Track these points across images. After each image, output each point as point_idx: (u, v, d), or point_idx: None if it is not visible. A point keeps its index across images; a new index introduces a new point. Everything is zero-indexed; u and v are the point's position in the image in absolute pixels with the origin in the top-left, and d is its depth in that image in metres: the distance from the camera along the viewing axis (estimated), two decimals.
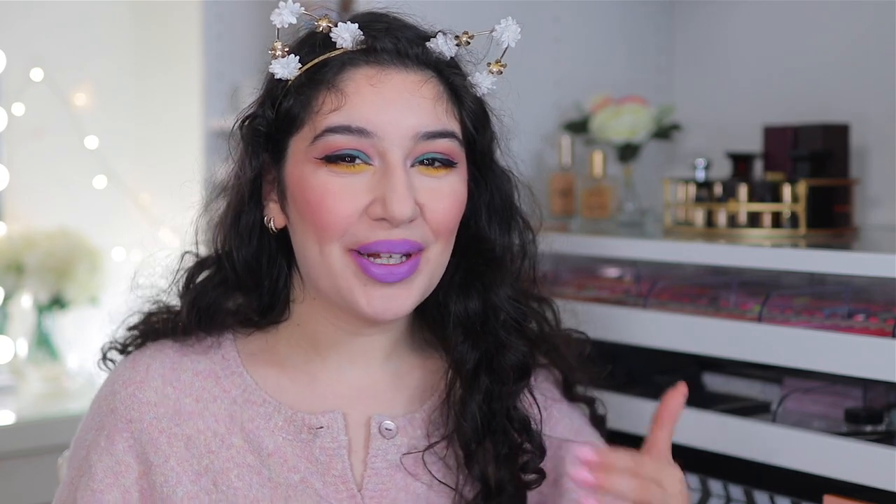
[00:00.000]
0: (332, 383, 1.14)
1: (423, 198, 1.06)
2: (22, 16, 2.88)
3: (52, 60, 2.91)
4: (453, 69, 1.10)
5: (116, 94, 3.02)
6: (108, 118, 2.99)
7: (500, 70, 1.11)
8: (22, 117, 2.89)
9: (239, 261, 1.13)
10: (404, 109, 1.05)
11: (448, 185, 1.08)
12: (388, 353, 1.15)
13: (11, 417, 2.57)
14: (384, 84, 1.06)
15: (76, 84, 2.96)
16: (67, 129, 2.93)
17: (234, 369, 1.14)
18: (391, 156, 1.05)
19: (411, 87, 1.06)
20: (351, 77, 1.06)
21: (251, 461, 1.10)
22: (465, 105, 1.10)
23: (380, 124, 1.04)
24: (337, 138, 1.04)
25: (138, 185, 3.01)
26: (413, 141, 1.05)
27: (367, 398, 1.14)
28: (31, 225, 2.88)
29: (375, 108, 1.05)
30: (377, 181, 1.04)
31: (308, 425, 1.10)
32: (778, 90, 2.00)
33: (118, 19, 3.03)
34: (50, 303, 2.81)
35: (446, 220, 1.07)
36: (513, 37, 1.10)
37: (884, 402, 1.42)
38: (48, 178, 2.93)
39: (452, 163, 1.08)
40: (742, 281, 1.53)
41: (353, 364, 1.14)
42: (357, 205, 1.04)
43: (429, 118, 1.06)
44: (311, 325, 1.13)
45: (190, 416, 1.11)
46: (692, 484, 1.48)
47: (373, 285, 1.06)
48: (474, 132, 1.11)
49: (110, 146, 2.99)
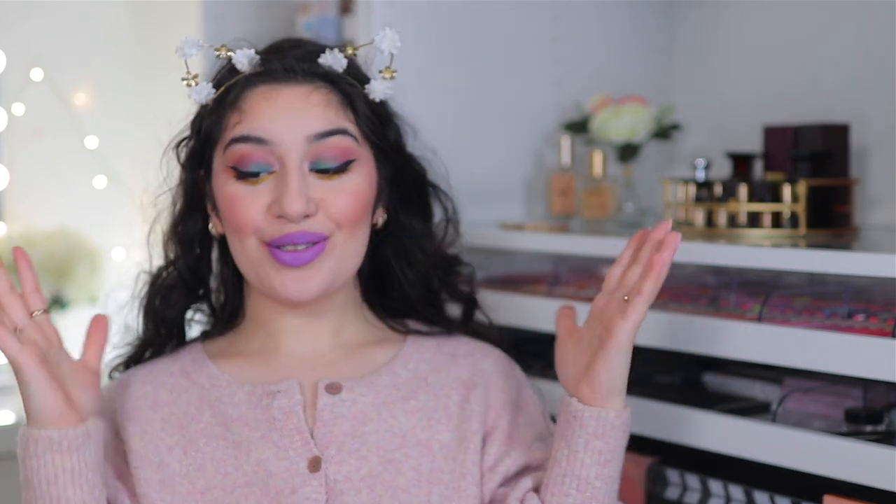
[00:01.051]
0: (287, 360, 1.30)
1: (322, 193, 1.23)
2: (22, 16, 2.88)
3: (52, 60, 2.91)
4: (344, 80, 1.25)
5: (116, 94, 3.02)
6: (108, 118, 2.99)
7: (391, 76, 1.25)
8: (22, 117, 2.89)
9: (184, 267, 1.33)
10: (295, 117, 1.22)
11: (347, 183, 1.24)
12: (335, 332, 1.32)
13: (11, 417, 2.57)
14: (276, 98, 1.23)
15: (76, 84, 2.96)
16: (67, 129, 2.93)
17: (202, 364, 1.31)
18: (287, 160, 1.22)
19: (301, 97, 1.24)
20: (249, 96, 1.24)
21: (217, 431, 1.25)
22: (359, 109, 1.26)
23: (274, 132, 1.22)
24: (240, 147, 1.23)
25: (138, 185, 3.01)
26: (306, 144, 1.22)
27: (317, 368, 1.29)
28: (31, 225, 2.88)
29: (268, 118, 1.23)
30: (277, 184, 1.22)
31: (267, 392, 1.26)
32: (778, 90, 2.00)
33: (118, 19, 3.03)
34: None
35: (345, 213, 1.24)
36: (391, 44, 1.23)
37: (884, 402, 1.42)
38: (48, 178, 2.93)
39: (348, 163, 1.24)
40: (742, 281, 1.53)
41: (303, 343, 1.31)
42: (260, 206, 1.23)
43: (318, 121, 1.23)
44: (261, 316, 1.32)
45: (165, 404, 1.28)
46: (692, 484, 1.48)
47: (285, 270, 1.23)
48: (372, 134, 1.27)
49: (110, 146, 2.98)
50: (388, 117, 1.31)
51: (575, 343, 1.24)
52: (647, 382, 1.61)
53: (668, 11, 2.21)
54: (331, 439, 1.23)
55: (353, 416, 1.25)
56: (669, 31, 2.21)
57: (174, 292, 1.35)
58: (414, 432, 1.26)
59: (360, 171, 1.26)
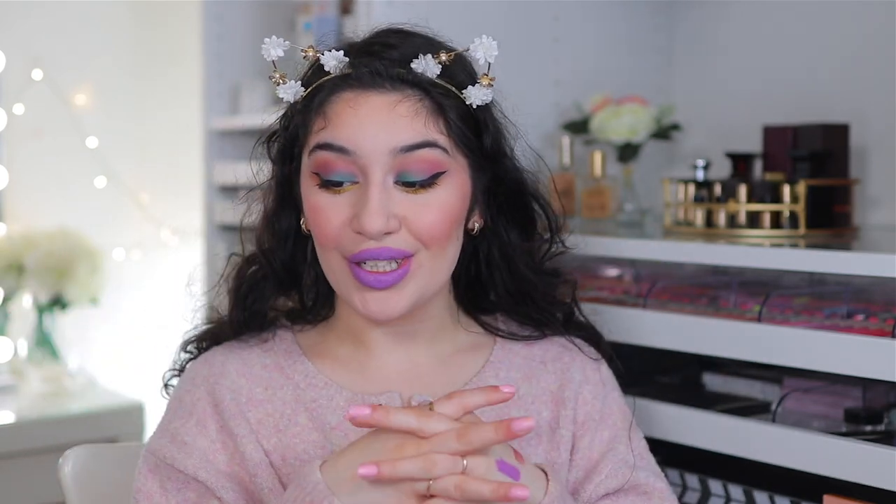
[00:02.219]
0: (380, 369, 1.23)
1: (405, 210, 1.15)
2: (22, 16, 2.89)
3: (52, 60, 2.91)
4: (436, 88, 1.17)
5: (116, 94, 3.02)
6: (108, 118, 3.00)
7: (490, 83, 1.17)
8: (22, 117, 2.89)
9: (276, 261, 1.26)
10: (380, 127, 1.14)
11: (434, 198, 1.16)
12: (430, 340, 1.25)
13: (11, 417, 2.57)
14: (361, 106, 1.15)
15: (76, 84, 2.96)
16: (67, 129, 2.94)
17: (297, 359, 1.25)
18: (370, 172, 1.14)
19: (387, 106, 1.15)
20: (335, 101, 1.16)
21: (315, 437, 1.19)
22: (451, 119, 1.17)
23: (358, 143, 1.14)
24: (324, 154, 1.15)
25: (138, 185, 3.02)
26: (391, 156, 1.14)
27: (411, 380, 1.23)
28: (31, 225, 2.89)
29: (352, 128, 1.14)
30: (359, 196, 1.15)
31: (367, 403, 1.15)
32: (778, 90, 2.00)
33: (118, 19, 3.03)
34: (50, 303, 2.81)
35: (431, 230, 1.15)
36: (488, 53, 1.16)
37: (884, 402, 1.42)
38: (48, 178, 2.93)
39: (437, 176, 1.15)
40: (742, 281, 1.53)
41: (395, 352, 1.24)
42: (340, 219, 1.15)
43: (404, 133, 1.14)
44: (350, 319, 1.24)
45: (260, 403, 1.21)
46: (692, 484, 1.48)
47: (365, 290, 1.16)
48: (466, 144, 1.18)
49: (110, 146, 2.99)
50: (485, 122, 1.21)
51: None
52: (647, 382, 1.61)
53: (667, 11, 2.21)
54: None
55: None
56: (669, 31, 2.21)
57: (265, 284, 1.27)
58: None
59: (449, 185, 1.17)
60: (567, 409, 1.25)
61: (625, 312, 1.52)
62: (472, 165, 1.20)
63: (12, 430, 2.53)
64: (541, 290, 1.29)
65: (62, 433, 2.49)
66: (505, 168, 1.24)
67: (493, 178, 1.23)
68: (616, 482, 1.23)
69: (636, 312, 1.52)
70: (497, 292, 1.28)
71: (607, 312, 1.51)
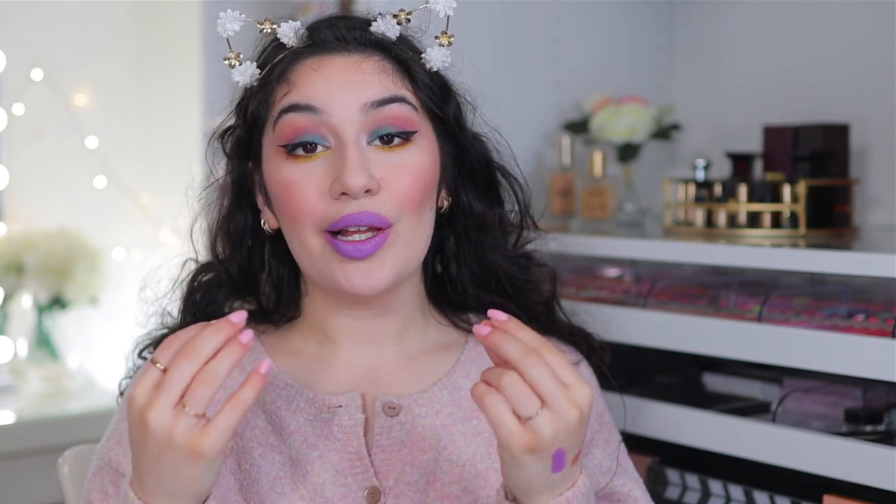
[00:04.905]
0: (345, 367, 1.19)
1: (383, 171, 1.10)
2: (22, 16, 2.89)
3: (52, 60, 2.91)
4: (399, 47, 1.14)
5: (116, 94, 3.02)
6: (108, 118, 2.99)
7: (449, 41, 1.14)
8: (22, 117, 2.89)
9: (233, 265, 1.21)
10: (347, 86, 1.11)
11: (409, 158, 1.12)
12: (398, 336, 1.20)
13: (11, 417, 2.57)
14: (326, 67, 1.12)
15: (76, 84, 2.96)
16: (67, 129, 2.93)
17: (259, 356, 1.18)
18: (343, 132, 1.10)
19: (352, 66, 1.12)
20: (297, 68, 1.13)
21: (273, 441, 1.14)
22: (417, 77, 1.14)
23: (326, 101, 1.10)
24: (290, 117, 1.11)
25: (138, 185, 3.01)
26: (362, 113, 1.10)
27: (377, 379, 1.18)
28: (31, 225, 2.88)
29: (319, 87, 1.11)
30: (334, 161, 1.10)
31: (328, 405, 1.15)
32: (778, 90, 2.00)
33: (118, 19, 3.03)
34: (50, 303, 2.81)
35: (409, 192, 1.11)
36: (447, 5, 1.12)
37: (884, 402, 1.42)
38: (48, 178, 2.93)
39: (409, 133, 1.12)
40: (742, 281, 1.53)
41: (363, 348, 1.19)
42: (316, 189, 1.10)
43: (373, 88, 1.11)
44: (319, 316, 1.19)
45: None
46: (692, 484, 1.48)
47: (347, 262, 1.10)
48: (433, 105, 1.15)
49: (110, 146, 2.99)
50: (447, 88, 1.18)
51: None
52: (647, 382, 1.61)
53: (667, 11, 2.21)
54: (389, 468, 1.14)
55: (411, 443, 1.15)
56: (669, 31, 2.21)
57: (220, 290, 1.23)
58: (473, 461, 1.15)
59: (422, 147, 1.13)
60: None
61: (625, 312, 1.52)
62: (438, 132, 1.17)
63: (12, 430, 2.53)
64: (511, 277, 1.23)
65: (62, 433, 2.49)
66: (467, 138, 1.20)
67: (457, 147, 1.19)
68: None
69: (636, 312, 1.52)
70: (464, 282, 1.22)
71: (607, 312, 1.51)
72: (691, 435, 1.44)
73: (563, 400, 0.96)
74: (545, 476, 0.98)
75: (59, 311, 2.83)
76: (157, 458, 0.95)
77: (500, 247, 1.23)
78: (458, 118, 1.19)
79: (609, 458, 1.21)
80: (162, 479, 0.96)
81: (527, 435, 0.95)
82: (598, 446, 1.22)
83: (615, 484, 1.20)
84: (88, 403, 2.71)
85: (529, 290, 1.26)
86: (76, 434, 2.41)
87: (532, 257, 1.28)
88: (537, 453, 0.96)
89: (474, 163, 1.21)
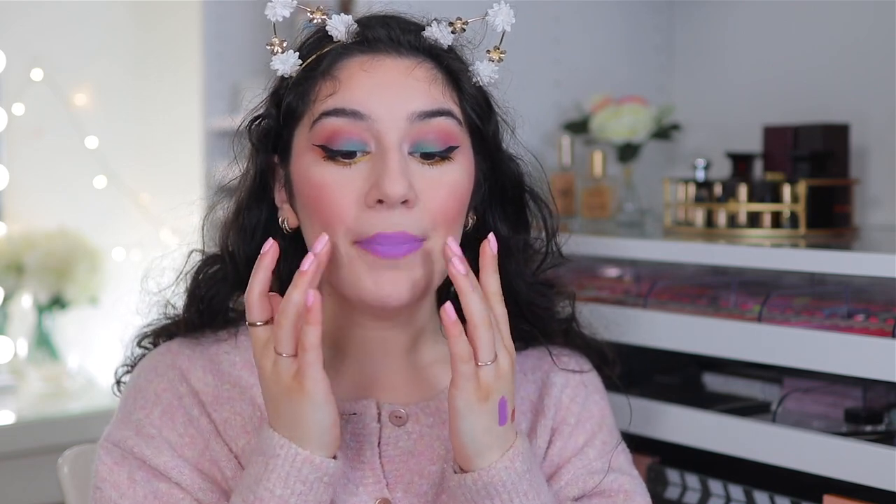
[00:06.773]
0: (354, 376, 1.16)
1: (421, 185, 1.06)
2: (22, 16, 2.89)
3: (52, 60, 2.91)
4: (450, 56, 1.11)
5: (116, 94, 3.02)
6: (108, 118, 3.00)
7: (500, 57, 1.11)
8: (22, 117, 2.89)
9: (241, 258, 1.16)
10: (397, 91, 1.07)
11: (448, 174, 1.08)
12: (408, 349, 1.16)
13: (11, 417, 2.57)
14: (376, 69, 1.07)
15: (76, 84, 2.96)
16: (67, 129, 2.94)
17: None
18: (386, 139, 1.05)
19: (404, 70, 1.08)
20: (345, 65, 1.08)
21: None
22: (465, 90, 1.11)
23: (373, 106, 1.06)
24: (332, 122, 1.06)
25: (138, 185, 3.02)
26: (408, 122, 1.06)
27: (385, 389, 1.16)
28: (31, 225, 2.89)
29: (367, 90, 1.06)
30: (373, 167, 1.05)
31: (342, 412, 1.11)
32: (778, 90, 2.00)
33: (118, 19, 3.03)
34: (50, 303, 2.81)
35: (444, 208, 1.08)
36: (506, 20, 1.09)
37: (884, 402, 1.42)
38: (48, 178, 2.93)
39: (451, 149, 1.08)
40: (742, 281, 1.53)
41: (371, 358, 1.16)
42: (352, 196, 1.05)
43: (422, 98, 1.07)
44: (329, 323, 1.13)
45: (228, 401, 1.14)
46: (692, 484, 1.48)
47: (379, 266, 1.06)
48: (477, 119, 1.12)
49: (110, 146, 2.99)
50: (490, 105, 1.14)
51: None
52: (647, 382, 1.61)
53: (667, 11, 2.21)
54: (398, 479, 1.13)
55: (419, 453, 1.14)
56: (669, 31, 2.21)
57: (225, 283, 1.18)
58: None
59: (461, 163, 1.09)
60: (546, 419, 1.20)
61: (625, 312, 1.52)
62: (476, 148, 1.13)
63: (12, 430, 2.53)
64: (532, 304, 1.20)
65: (62, 433, 2.49)
66: (503, 158, 1.17)
67: (491, 167, 1.16)
68: (577, 489, 1.18)
69: (636, 312, 1.52)
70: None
71: (607, 312, 1.51)
72: (691, 435, 1.44)
73: (500, 347, 1.03)
74: (493, 429, 1.02)
75: (59, 311, 2.83)
76: (284, 406, 1.02)
77: (521, 273, 1.19)
78: (496, 136, 1.16)
79: (601, 459, 1.21)
80: (292, 429, 1.03)
81: (479, 380, 1.01)
82: (594, 447, 1.21)
83: (606, 481, 1.19)
84: (88, 403, 2.71)
85: (549, 317, 1.23)
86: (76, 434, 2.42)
87: (553, 284, 1.24)
88: (486, 402, 1.01)
89: (506, 183, 1.18)
